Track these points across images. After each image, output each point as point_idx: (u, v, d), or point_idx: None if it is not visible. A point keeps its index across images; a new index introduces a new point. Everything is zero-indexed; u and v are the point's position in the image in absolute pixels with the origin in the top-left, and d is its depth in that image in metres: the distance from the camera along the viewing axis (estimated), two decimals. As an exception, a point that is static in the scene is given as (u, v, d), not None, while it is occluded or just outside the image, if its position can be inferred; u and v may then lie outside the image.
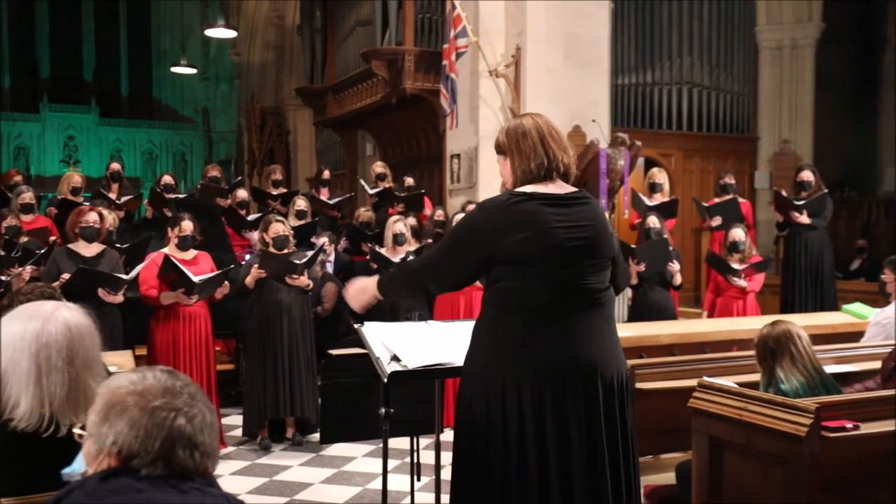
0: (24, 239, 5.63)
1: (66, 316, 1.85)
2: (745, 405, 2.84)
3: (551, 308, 2.26)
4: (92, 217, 4.99)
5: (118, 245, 5.69)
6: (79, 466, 1.35)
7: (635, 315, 6.24)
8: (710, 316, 6.32)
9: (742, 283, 6.01)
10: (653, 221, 6.27)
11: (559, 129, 2.46)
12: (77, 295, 4.11)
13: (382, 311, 6.04)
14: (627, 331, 4.95)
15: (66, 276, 4.71)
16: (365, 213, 7.53)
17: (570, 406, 2.23)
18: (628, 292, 6.90)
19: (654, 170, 7.66)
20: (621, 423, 2.31)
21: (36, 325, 1.82)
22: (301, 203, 7.13)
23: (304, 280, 5.30)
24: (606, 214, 7.06)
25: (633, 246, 6.16)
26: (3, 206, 6.64)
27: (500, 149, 2.44)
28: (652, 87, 10.38)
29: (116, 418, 1.26)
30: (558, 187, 2.35)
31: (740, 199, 7.48)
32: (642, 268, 6.02)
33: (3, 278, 4.51)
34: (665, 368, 3.87)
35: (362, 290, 2.66)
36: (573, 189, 2.38)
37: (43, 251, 5.17)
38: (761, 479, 2.79)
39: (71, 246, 5.01)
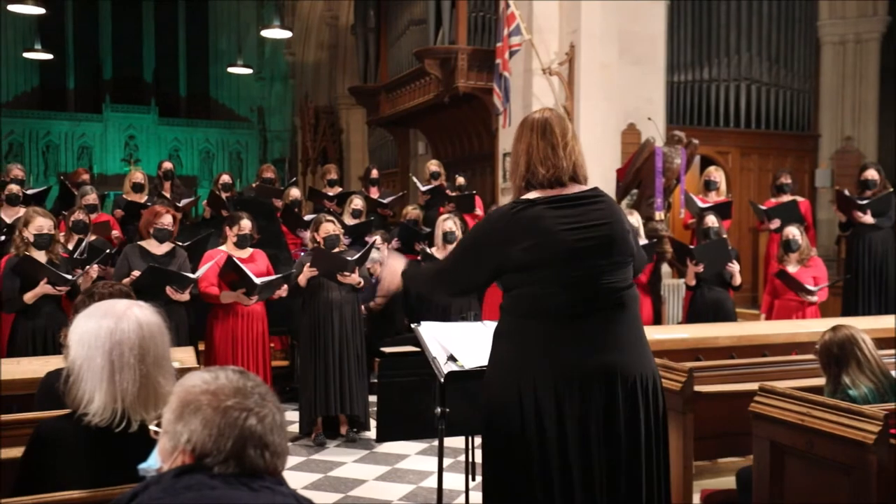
0: (92, 237, 5.81)
1: (138, 315, 1.91)
2: (808, 410, 2.78)
3: (568, 311, 2.22)
4: (167, 220, 5.14)
5: (180, 244, 5.84)
6: (154, 462, 1.39)
7: (692, 315, 6.13)
8: (769, 318, 6.18)
9: (814, 299, 5.85)
10: (711, 221, 6.15)
11: (567, 127, 2.37)
12: (146, 292, 4.24)
13: (434, 311, 6.07)
14: (684, 332, 4.88)
15: (136, 273, 4.85)
16: (412, 211, 7.58)
17: (590, 410, 2.19)
18: (683, 291, 6.81)
19: (711, 168, 7.53)
20: (645, 426, 2.26)
21: (110, 322, 1.88)
22: (357, 202, 7.22)
23: (355, 277, 5.34)
24: (661, 214, 7.03)
25: (692, 246, 6.06)
26: (71, 203, 6.88)
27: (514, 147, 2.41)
28: (709, 83, 10.20)
29: (190, 417, 1.30)
30: (566, 189, 2.30)
31: (799, 199, 7.30)
32: (700, 268, 5.92)
33: (71, 277, 4.66)
34: (723, 371, 3.81)
35: (394, 273, 2.66)
36: (584, 188, 2.32)
37: (109, 251, 5.33)
38: (825, 486, 2.73)
39: (142, 244, 5.17)
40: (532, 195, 2.28)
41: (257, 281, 5.07)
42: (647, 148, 7.07)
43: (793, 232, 5.98)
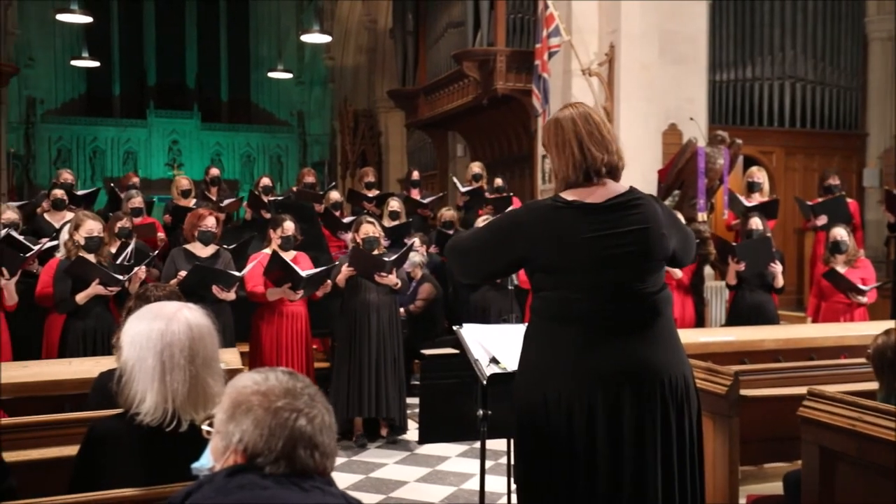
0: (135, 241, 5.93)
1: (188, 316, 1.95)
2: (859, 415, 2.72)
3: (597, 316, 2.19)
4: (210, 222, 5.24)
5: (225, 246, 5.93)
6: (206, 462, 1.42)
7: (734, 317, 6.05)
8: (815, 321, 6.06)
9: (864, 299, 5.72)
10: (756, 223, 6.05)
11: (601, 120, 2.32)
12: (193, 293, 4.32)
13: (473, 313, 6.08)
14: (729, 335, 4.82)
15: (182, 273, 4.94)
16: (447, 212, 7.60)
17: (618, 413, 2.17)
18: (726, 293, 6.72)
19: (753, 168, 7.42)
20: (677, 428, 2.22)
21: (160, 324, 1.93)
22: (394, 204, 7.26)
23: (392, 278, 5.36)
24: (704, 215, 6.94)
25: (734, 244, 5.97)
26: (117, 206, 7.03)
27: (545, 147, 2.37)
28: (752, 82, 10.03)
29: (242, 417, 1.33)
30: (604, 191, 2.24)
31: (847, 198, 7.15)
32: (742, 267, 5.82)
33: (121, 277, 4.76)
34: (770, 375, 3.74)
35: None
36: (620, 192, 2.26)
37: (156, 252, 5.44)
38: (876, 492, 2.67)
39: (188, 247, 5.28)
40: (570, 196, 2.24)
41: (302, 273, 5.13)
42: (690, 148, 6.98)
43: (840, 233, 5.85)
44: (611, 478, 2.17)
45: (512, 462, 3.60)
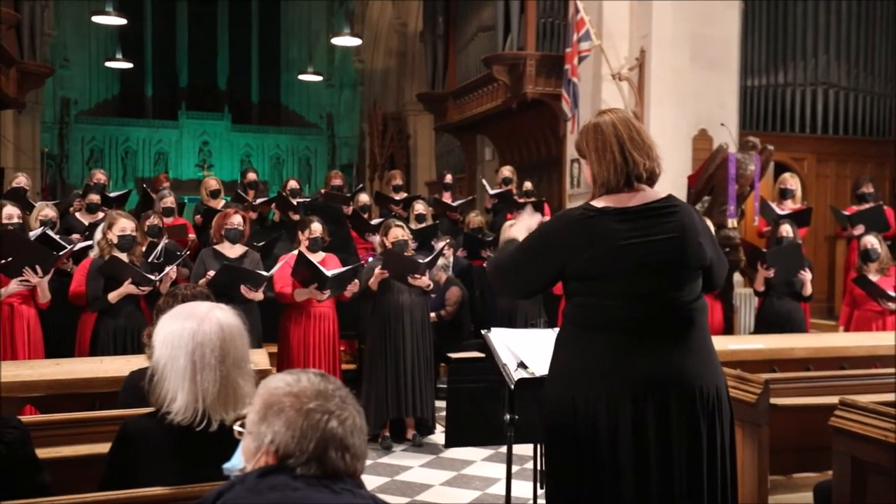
0: (166, 240, 6.00)
1: (219, 317, 1.97)
2: (892, 426, 2.67)
3: (630, 324, 2.17)
4: (237, 220, 5.29)
5: (255, 244, 5.99)
6: (238, 462, 1.43)
7: (762, 325, 5.98)
8: (847, 330, 5.97)
9: (895, 306, 5.63)
10: (786, 230, 5.98)
11: (641, 126, 2.31)
12: (221, 293, 4.36)
13: (500, 317, 6.07)
14: (758, 343, 4.76)
15: (211, 272, 4.99)
16: (475, 217, 7.61)
17: (646, 422, 2.15)
18: (755, 300, 6.64)
19: (786, 175, 7.32)
20: (708, 439, 2.19)
21: (192, 324, 1.95)
22: (420, 207, 7.29)
23: (425, 280, 5.37)
24: (734, 222, 6.86)
25: (764, 250, 5.90)
26: (149, 208, 7.12)
27: (581, 151, 2.34)
28: (784, 88, 9.91)
29: (274, 418, 1.34)
30: (640, 197, 2.23)
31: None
32: (771, 273, 5.75)
33: (153, 277, 4.82)
34: (800, 384, 3.70)
35: (529, 228, 2.52)
36: (656, 198, 2.24)
37: (186, 252, 5.50)
38: (910, 506, 2.63)
39: (216, 247, 5.33)
40: (602, 203, 2.23)
41: (328, 273, 5.16)
42: (720, 154, 6.92)
43: (871, 241, 5.76)
44: (636, 486, 2.15)
45: (539, 467, 3.60)
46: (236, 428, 1.46)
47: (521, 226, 2.58)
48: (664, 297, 2.19)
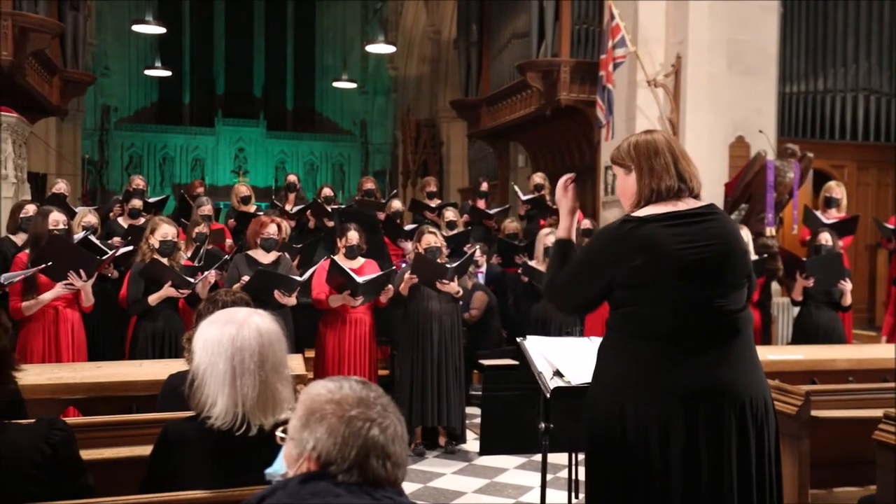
0: (209, 246, 6.09)
1: (258, 322, 1.99)
2: (939, 442, 2.61)
3: (678, 333, 2.16)
4: (272, 229, 5.34)
5: (294, 245, 6.04)
6: (280, 467, 1.44)
7: (800, 335, 5.86)
8: (890, 341, 5.85)
9: None
10: (825, 238, 5.87)
11: (678, 143, 2.35)
12: (255, 298, 4.39)
13: (533, 324, 6.04)
14: (798, 353, 4.69)
15: (245, 278, 5.04)
16: (510, 224, 7.60)
17: (696, 433, 2.13)
18: (793, 310, 6.53)
19: (831, 183, 7.17)
20: (757, 451, 2.17)
21: (231, 330, 1.96)
22: (450, 214, 7.30)
23: (454, 286, 5.36)
24: (772, 230, 6.77)
25: (804, 259, 5.80)
26: (187, 213, 7.23)
27: (623, 162, 2.33)
28: (824, 94, 9.75)
29: (316, 425, 1.34)
30: (682, 204, 2.24)
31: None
32: (811, 283, 5.65)
33: (192, 280, 4.89)
34: (842, 396, 3.62)
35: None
36: (699, 204, 2.26)
37: (225, 258, 5.58)
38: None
39: (250, 253, 5.38)
40: (643, 212, 2.23)
41: (359, 280, 5.18)
42: (758, 161, 6.83)
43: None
44: (686, 497, 2.13)
45: (574, 476, 3.57)
46: (278, 433, 1.47)
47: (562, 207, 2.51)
48: (711, 305, 2.18)
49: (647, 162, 2.27)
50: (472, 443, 5.49)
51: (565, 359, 2.78)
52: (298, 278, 5.19)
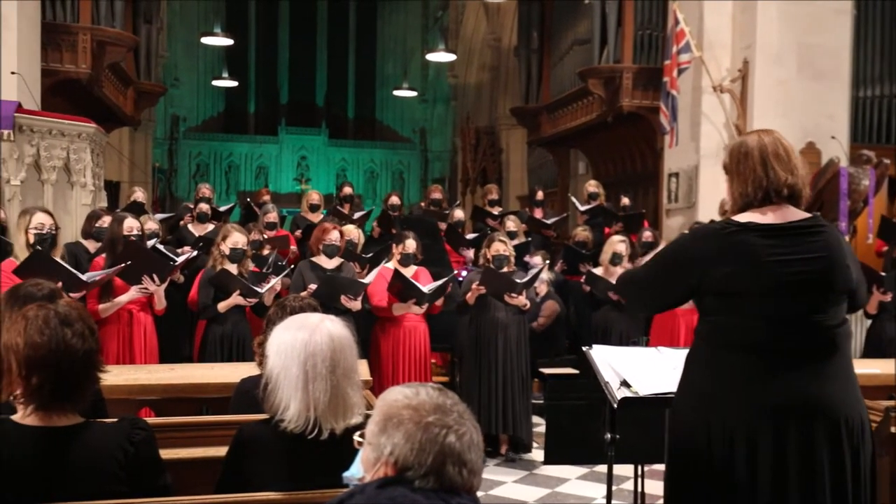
0: (268, 251, 6.19)
1: (329, 328, 2.02)
2: None
3: (771, 347, 2.08)
4: (334, 236, 5.42)
5: (363, 255, 6.12)
6: (357, 471, 1.46)
7: (871, 349, 5.69)
8: (972, 355, 5.60)
9: None
10: (904, 249, 5.67)
11: (791, 147, 2.23)
12: (323, 304, 4.46)
13: (594, 333, 5.98)
14: (875, 367, 4.52)
15: (312, 286, 5.12)
16: (581, 232, 7.54)
17: (787, 450, 2.05)
18: (866, 323, 6.32)
19: (908, 191, 6.93)
20: (853, 472, 2.08)
21: (304, 335, 2.00)
22: (510, 224, 7.28)
23: (521, 300, 5.35)
24: (846, 238, 6.56)
25: (882, 274, 5.61)
26: (253, 220, 7.38)
27: (725, 169, 2.30)
28: (900, 99, 9.44)
29: (393, 430, 1.36)
30: (782, 214, 2.15)
31: None
32: (888, 298, 5.47)
33: (259, 290, 4.98)
34: (922, 412, 3.48)
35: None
36: (803, 216, 2.17)
37: (292, 266, 5.68)
38: None
39: (314, 259, 5.47)
40: (744, 218, 2.16)
41: (425, 290, 5.22)
42: (831, 168, 6.64)
43: None
44: None
45: (640, 489, 3.52)
46: (356, 438, 1.49)
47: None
48: (807, 319, 2.10)
49: (736, 166, 2.22)
50: (534, 452, 5.46)
51: (633, 369, 2.75)
52: (364, 281, 5.26)
